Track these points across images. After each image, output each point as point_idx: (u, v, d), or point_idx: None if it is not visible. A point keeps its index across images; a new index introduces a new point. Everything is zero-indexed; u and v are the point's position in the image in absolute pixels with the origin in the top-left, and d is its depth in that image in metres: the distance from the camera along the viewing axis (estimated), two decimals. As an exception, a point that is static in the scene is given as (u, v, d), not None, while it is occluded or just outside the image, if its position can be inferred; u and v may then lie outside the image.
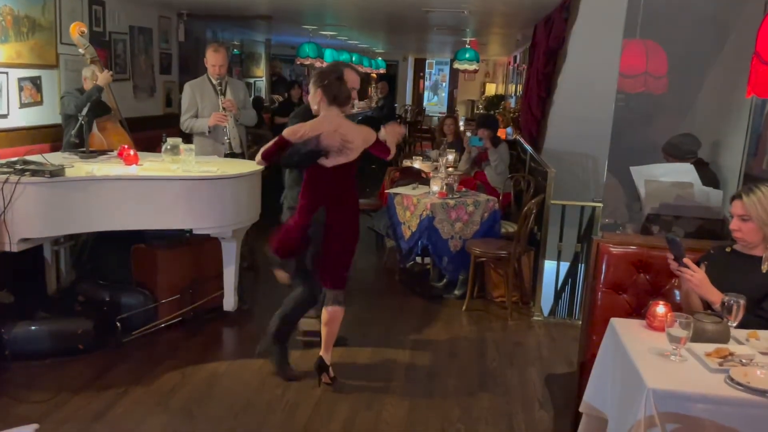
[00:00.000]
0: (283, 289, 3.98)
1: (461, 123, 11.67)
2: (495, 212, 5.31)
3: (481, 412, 3.51)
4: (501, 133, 7.45)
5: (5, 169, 3.72)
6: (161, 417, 3.34)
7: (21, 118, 5.11)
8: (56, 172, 3.75)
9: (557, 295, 5.51)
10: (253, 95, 11.21)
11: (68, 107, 4.87)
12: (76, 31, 4.88)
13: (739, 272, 2.63)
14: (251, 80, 12.16)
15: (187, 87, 5.18)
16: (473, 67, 11.36)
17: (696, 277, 2.54)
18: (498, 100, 15.02)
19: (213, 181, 4.10)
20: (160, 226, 4.13)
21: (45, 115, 5.37)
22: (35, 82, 5.27)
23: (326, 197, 3.52)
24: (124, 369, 3.83)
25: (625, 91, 3.76)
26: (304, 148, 3.42)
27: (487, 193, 5.76)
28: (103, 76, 4.93)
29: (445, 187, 5.23)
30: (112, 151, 4.71)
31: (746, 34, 3.24)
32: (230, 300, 4.57)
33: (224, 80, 5.11)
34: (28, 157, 4.00)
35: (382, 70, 17.44)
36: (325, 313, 3.66)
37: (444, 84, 20.46)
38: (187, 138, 5.00)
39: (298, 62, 11.04)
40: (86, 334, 3.96)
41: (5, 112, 4.95)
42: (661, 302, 2.53)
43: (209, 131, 5.07)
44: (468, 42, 11.13)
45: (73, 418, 3.27)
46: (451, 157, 6.22)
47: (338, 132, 3.45)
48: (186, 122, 5.11)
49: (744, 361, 2.19)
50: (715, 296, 2.51)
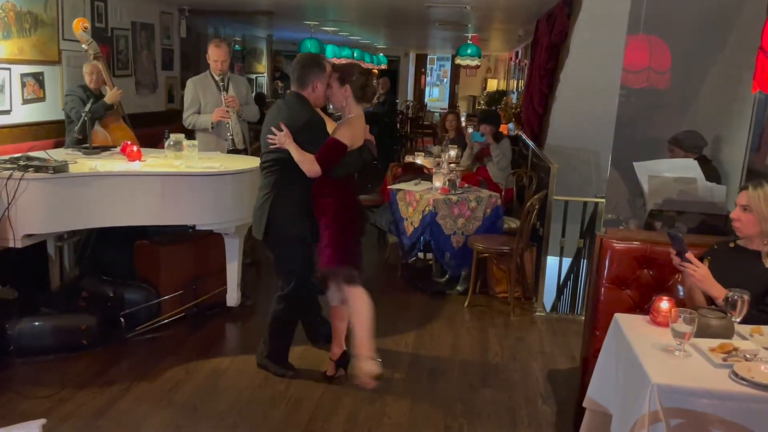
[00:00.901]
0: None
1: (463, 119, 11.66)
2: (497, 208, 5.32)
3: (484, 407, 3.52)
4: (503, 128, 7.42)
5: (9, 165, 3.72)
6: (165, 412, 3.35)
7: (24, 114, 5.12)
8: (60, 168, 3.76)
9: (559, 291, 5.51)
10: (254, 91, 11.20)
11: (70, 112, 4.89)
12: (80, 26, 4.89)
13: (742, 268, 2.63)
14: (253, 76, 12.15)
15: (189, 83, 5.18)
16: (475, 62, 11.35)
17: (699, 272, 2.54)
18: (500, 95, 14.98)
19: (216, 177, 4.11)
20: (163, 222, 4.13)
21: (48, 111, 5.37)
22: (38, 78, 5.27)
23: (351, 195, 3.51)
24: (128, 364, 3.84)
25: (629, 86, 3.76)
26: (357, 152, 3.41)
27: (489, 188, 5.76)
28: (112, 94, 4.96)
29: (447, 183, 5.23)
30: (115, 147, 4.72)
31: (749, 29, 3.24)
32: (233, 296, 4.59)
33: (226, 76, 5.11)
34: (31, 153, 4.01)
35: (383, 66, 17.41)
36: (343, 309, 3.60)
37: (446, 80, 20.41)
38: (190, 134, 5.00)
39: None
40: (90, 330, 3.97)
41: (8, 108, 4.96)
42: (665, 298, 2.54)
43: (212, 127, 5.08)
44: (470, 38, 11.11)
45: (77, 413, 3.28)
46: (453, 152, 6.21)
47: (366, 128, 3.48)
48: (189, 118, 5.12)
49: (748, 356, 2.19)
50: (718, 291, 2.51)
